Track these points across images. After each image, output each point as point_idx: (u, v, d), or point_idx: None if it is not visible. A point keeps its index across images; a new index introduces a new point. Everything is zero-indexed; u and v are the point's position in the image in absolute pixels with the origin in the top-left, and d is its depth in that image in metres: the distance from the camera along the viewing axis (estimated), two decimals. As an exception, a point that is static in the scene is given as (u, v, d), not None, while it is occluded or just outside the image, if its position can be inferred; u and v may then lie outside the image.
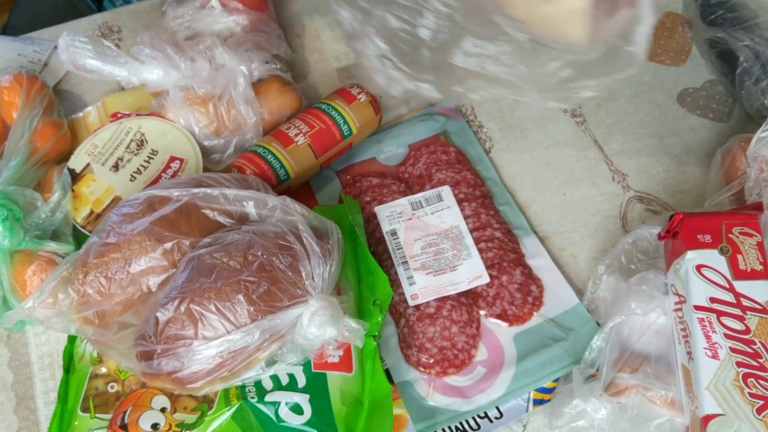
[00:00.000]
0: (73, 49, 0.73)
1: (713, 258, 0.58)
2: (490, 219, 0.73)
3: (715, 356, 0.54)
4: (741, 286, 0.57)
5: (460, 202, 0.74)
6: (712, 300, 0.56)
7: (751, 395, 0.53)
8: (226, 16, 0.80)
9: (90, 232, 0.69)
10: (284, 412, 0.57)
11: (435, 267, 0.70)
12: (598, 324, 0.67)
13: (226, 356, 0.55)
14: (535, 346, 0.67)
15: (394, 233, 0.73)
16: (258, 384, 0.58)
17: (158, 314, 0.55)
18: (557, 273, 0.71)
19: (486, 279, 0.70)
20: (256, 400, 0.57)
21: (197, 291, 0.55)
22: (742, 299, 0.56)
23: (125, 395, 0.59)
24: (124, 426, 0.57)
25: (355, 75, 0.87)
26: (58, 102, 0.79)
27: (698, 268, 0.58)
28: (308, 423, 0.56)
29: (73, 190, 0.72)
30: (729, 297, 0.56)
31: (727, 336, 0.55)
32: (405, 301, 0.69)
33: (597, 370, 0.60)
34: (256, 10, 0.82)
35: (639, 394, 0.58)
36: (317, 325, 0.55)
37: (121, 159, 0.74)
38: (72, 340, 0.64)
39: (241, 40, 0.78)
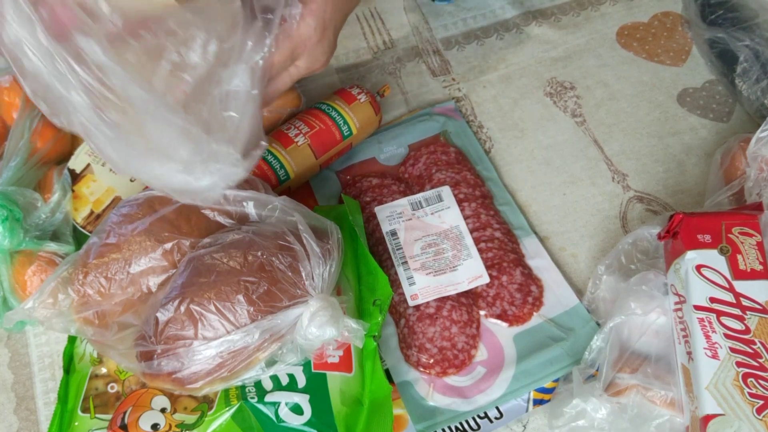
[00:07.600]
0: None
1: (713, 258, 0.58)
2: (490, 219, 0.73)
3: (715, 356, 0.54)
4: (741, 286, 0.57)
5: (460, 202, 0.74)
6: (712, 300, 0.56)
7: (751, 395, 0.53)
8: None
9: (90, 232, 0.69)
10: (284, 412, 0.57)
11: (435, 267, 0.70)
12: (598, 324, 0.67)
13: (226, 356, 0.55)
14: (535, 346, 0.67)
15: (394, 233, 0.73)
16: (258, 384, 0.58)
17: (158, 314, 0.55)
18: (557, 273, 0.71)
19: (486, 279, 0.70)
20: (256, 400, 0.57)
21: (197, 291, 0.55)
22: (741, 299, 0.56)
23: (125, 395, 0.59)
24: (124, 426, 0.57)
25: (354, 75, 0.87)
26: (58, 102, 0.79)
27: (698, 268, 0.58)
28: (308, 423, 0.56)
29: (73, 191, 0.71)
30: (729, 297, 0.56)
31: (726, 336, 0.55)
32: (405, 301, 0.69)
33: (597, 370, 0.60)
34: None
35: (639, 394, 0.58)
36: (317, 325, 0.55)
37: (121, 159, 0.74)
38: (72, 340, 0.64)
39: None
